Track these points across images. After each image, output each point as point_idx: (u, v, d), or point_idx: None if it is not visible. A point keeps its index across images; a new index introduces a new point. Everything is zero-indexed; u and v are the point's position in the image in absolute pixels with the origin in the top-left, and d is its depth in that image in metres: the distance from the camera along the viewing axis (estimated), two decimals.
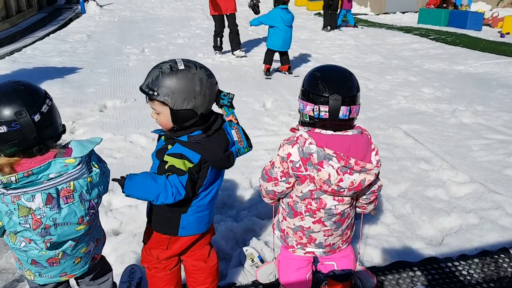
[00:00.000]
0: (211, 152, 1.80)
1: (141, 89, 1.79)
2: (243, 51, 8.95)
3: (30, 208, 1.54)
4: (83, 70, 7.62)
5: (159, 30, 12.08)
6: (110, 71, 7.63)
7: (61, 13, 15.15)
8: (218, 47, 8.97)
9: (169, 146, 1.82)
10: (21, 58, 8.40)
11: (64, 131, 1.69)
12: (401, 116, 5.47)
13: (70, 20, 13.70)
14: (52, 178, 1.55)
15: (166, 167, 1.78)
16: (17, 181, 1.50)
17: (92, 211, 1.69)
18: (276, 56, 7.45)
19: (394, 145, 4.55)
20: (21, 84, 1.58)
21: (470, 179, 3.78)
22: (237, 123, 1.92)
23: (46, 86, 5.92)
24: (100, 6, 15.76)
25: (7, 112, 1.50)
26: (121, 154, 4.33)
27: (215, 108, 1.90)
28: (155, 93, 1.73)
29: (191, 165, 1.78)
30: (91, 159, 1.70)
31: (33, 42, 10.20)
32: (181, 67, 1.74)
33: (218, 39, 8.84)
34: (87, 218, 1.67)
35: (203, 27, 12.54)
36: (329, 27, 12.19)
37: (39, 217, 1.55)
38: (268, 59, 7.37)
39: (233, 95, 1.93)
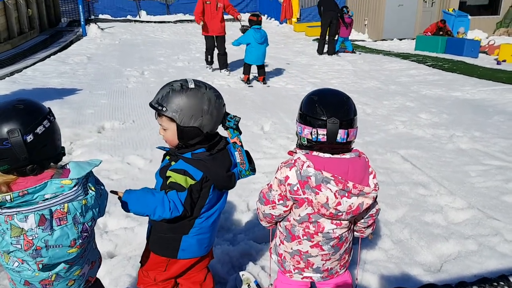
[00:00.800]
0: (214, 171, 1.81)
1: (150, 104, 1.83)
2: (228, 70, 9.71)
3: (22, 228, 1.52)
4: (83, 91, 7.66)
5: (159, 53, 12.21)
6: (110, 92, 7.67)
7: (62, 36, 15.30)
8: (209, 62, 9.94)
9: (173, 163, 1.84)
10: (21, 79, 8.45)
11: (63, 154, 1.68)
12: (398, 141, 5.48)
13: (71, 43, 13.83)
14: (47, 199, 1.53)
15: (168, 183, 1.78)
16: (12, 200, 1.48)
17: (86, 234, 1.66)
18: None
19: (392, 170, 4.54)
20: (23, 102, 1.58)
21: (468, 205, 3.77)
22: (241, 145, 1.94)
23: None
24: (102, 29, 15.95)
25: (1, 130, 1.50)
26: (118, 175, 4.31)
27: (220, 131, 1.92)
28: (164, 109, 1.78)
29: (192, 182, 1.78)
30: (88, 181, 1.69)
31: (34, 64, 10.26)
32: (191, 86, 1.80)
33: (209, 56, 9.82)
34: (80, 241, 1.64)
35: (203, 51, 12.61)
36: (324, 54, 12.34)
37: (31, 238, 1.53)
38: (246, 71, 8.67)
39: (239, 118, 1.96)
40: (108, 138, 5.35)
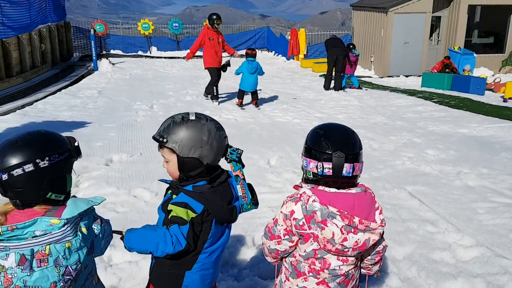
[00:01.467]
0: (214, 203, 1.81)
1: (153, 136, 1.87)
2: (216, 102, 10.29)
3: (3, 266, 1.50)
4: (92, 124, 7.77)
5: (168, 87, 12.41)
6: (119, 126, 7.77)
7: (74, 70, 15.64)
8: (214, 96, 10.17)
9: (174, 196, 1.85)
10: (31, 112, 8.60)
11: (57, 201, 1.61)
12: (406, 177, 5.46)
13: (83, 77, 14.11)
14: (37, 236, 1.51)
15: (170, 217, 1.78)
16: (1, 234, 1.48)
17: (68, 277, 1.59)
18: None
19: (399, 206, 4.51)
20: (26, 138, 1.58)
21: (476, 242, 3.71)
22: (244, 179, 1.95)
23: None
24: (113, 64, 16.30)
25: None
26: (124, 208, 4.32)
27: (224, 164, 1.93)
28: (165, 140, 1.82)
29: (193, 215, 1.78)
30: (82, 220, 1.63)
31: (45, 97, 10.46)
32: (192, 117, 1.84)
33: (214, 88, 10.09)
34: (61, 284, 1.57)
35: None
36: (331, 90, 12.54)
37: (10, 276, 1.50)
38: (240, 96, 9.85)
39: (242, 151, 1.96)
40: (115, 171, 5.39)
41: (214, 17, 9.83)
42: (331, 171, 1.82)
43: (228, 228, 1.98)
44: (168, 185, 1.97)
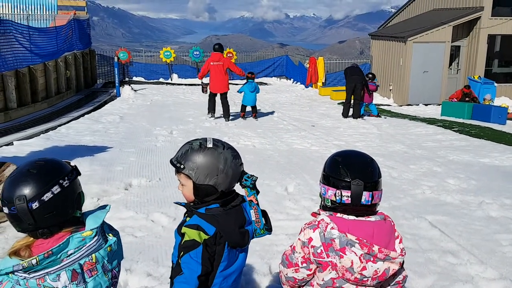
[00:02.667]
0: (227, 226, 1.82)
1: (171, 161, 1.90)
2: (229, 120, 11.56)
3: (57, 287, 1.52)
4: (113, 149, 7.89)
5: (188, 113, 12.59)
6: (139, 150, 7.87)
7: (97, 96, 16.05)
8: (210, 111, 11.65)
9: (187, 219, 1.87)
10: (55, 136, 8.80)
11: (77, 218, 1.64)
12: (426, 206, 5.37)
13: (105, 103, 14.45)
14: (71, 254, 1.55)
15: (183, 242, 1.79)
16: (38, 263, 1.48)
17: (115, 280, 1.69)
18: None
19: (420, 236, 4.42)
20: (38, 166, 1.58)
21: (500, 275, 3.60)
22: (257, 204, 1.95)
23: (76, 163, 6.11)
24: (135, 90, 16.65)
25: (11, 194, 1.51)
26: (141, 233, 4.34)
27: (237, 188, 1.94)
28: (182, 166, 1.85)
29: (206, 237, 1.78)
30: (104, 228, 1.72)
31: (68, 122, 10.73)
32: (210, 145, 1.86)
33: (209, 110, 11.68)
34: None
35: (230, 113, 13.01)
36: (350, 118, 12.56)
37: None
38: (242, 110, 11.99)
39: (257, 177, 1.98)
40: (134, 195, 5.44)
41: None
42: (349, 199, 1.80)
43: (243, 252, 1.97)
44: (185, 210, 1.99)
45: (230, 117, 11.64)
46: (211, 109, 11.65)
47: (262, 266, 3.65)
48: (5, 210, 1.53)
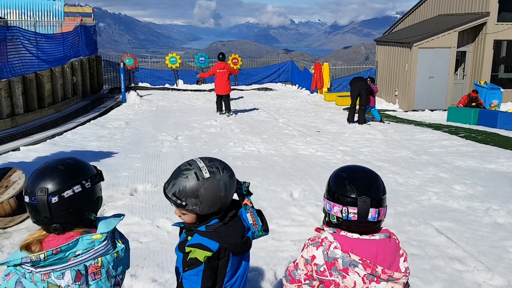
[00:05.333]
0: (229, 240, 1.80)
1: (167, 196, 1.83)
2: (230, 115, 13.29)
3: (59, 286, 1.54)
4: (119, 154, 7.92)
5: (193, 119, 12.62)
6: (144, 156, 7.89)
7: (103, 101, 16.13)
8: (219, 109, 13.52)
9: (189, 238, 1.85)
10: (61, 142, 8.84)
11: (91, 221, 1.69)
12: (432, 212, 5.34)
13: (111, 108, 14.52)
14: (78, 255, 1.57)
15: (187, 259, 1.79)
16: (46, 258, 1.51)
17: (118, 287, 1.70)
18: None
19: (426, 243, 4.39)
20: (66, 163, 1.65)
21: (508, 283, 3.56)
22: (252, 206, 1.93)
23: None
24: (140, 96, 16.72)
25: (34, 185, 1.57)
26: (147, 238, 4.34)
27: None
28: (184, 203, 1.79)
29: (209, 254, 1.76)
30: (115, 235, 1.73)
31: (74, 127, 10.78)
32: (206, 175, 1.79)
33: (218, 108, 13.58)
34: None
35: (235, 118, 13.04)
36: (355, 123, 12.57)
37: None
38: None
39: (249, 183, 1.96)
40: (139, 201, 5.44)
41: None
42: (356, 216, 1.78)
43: (245, 258, 1.96)
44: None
45: (231, 113, 13.52)
46: (219, 108, 13.56)
47: (268, 272, 3.63)
48: (26, 199, 1.58)
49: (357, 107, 12.63)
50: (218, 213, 1.84)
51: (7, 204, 4.79)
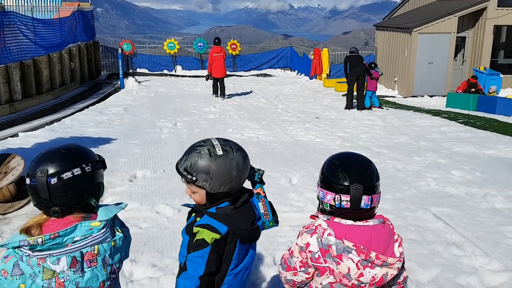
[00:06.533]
0: (238, 224, 1.79)
1: (178, 171, 1.82)
2: (225, 98, 13.88)
3: (54, 271, 1.55)
4: (117, 141, 7.91)
5: (192, 105, 12.59)
6: (143, 142, 7.89)
7: (101, 87, 16.04)
8: (215, 92, 14.04)
9: (198, 219, 1.84)
10: (59, 128, 8.83)
11: (91, 205, 1.68)
12: (430, 198, 5.36)
13: (109, 94, 14.46)
14: (76, 241, 1.58)
15: (194, 240, 1.77)
16: (44, 242, 1.52)
17: (113, 275, 1.69)
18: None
19: (424, 228, 4.42)
20: (68, 148, 1.67)
21: (504, 267, 3.60)
22: (265, 196, 1.93)
23: None
24: (139, 82, 16.65)
25: (35, 167, 1.59)
26: (146, 224, 4.36)
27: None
28: (194, 178, 1.78)
29: (217, 236, 1.75)
30: (115, 223, 1.73)
31: (73, 113, 10.76)
32: (220, 152, 1.78)
33: (214, 91, 14.13)
34: (108, 283, 1.67)
35: (234, 104, 13.01)
36: (354, 109, 12.48)
37: (62, 280, 1.56)
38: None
39: (263, 171, 1.96)
40: (139, 187, 5.46)
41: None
42: (349, 203, 1.79)
43: (252, 247, 1.95)
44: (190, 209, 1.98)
45: (226, 96, 14.07)
46: (215, 91, 14.00)
47: (267, 257, 3.66)
48: (27, 181, 1.60)
49: (355, 93, 12.57)
50: (229, 196, 1.83)
51: (6, 190, 4.80)
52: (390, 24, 19.27)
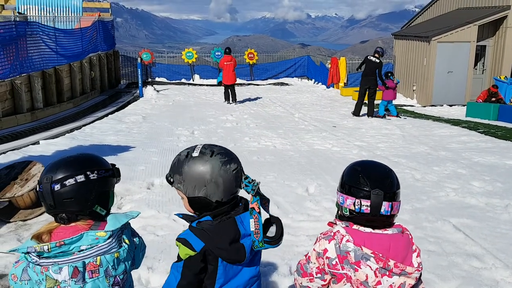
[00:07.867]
0: (216, 242, 1.68)
1: (166, 176, 1.82)
2: (237, 104, 14.74)
3: (56, 280, 1.56)
4: (136, 148, 8.00)
5: (209, 114, 12.67)
6: (161, 150, 7.96)
7: (121, 96, 16.28)
8: (227, 99, 14.94)
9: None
10: (79, 136, 8.97)
11: (100, 216, 1.69)
12: (450, 209, 5.28)
13: (129, 103, 14.65)
14: (83, 250, 1.58)
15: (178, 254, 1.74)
16: (50, 250, 1.54)
17: (117, 287, 1.68)
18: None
19: (443, 239, 4.35)
20: (76, 156, 1.70)
21: None
22: (259, 212, 1.75)
23: None
24: (157, 91, 16.84)
25: (44, 174, 1.64)
26: (163, 231, 4.39)
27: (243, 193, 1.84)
28: (172, 180, 1.77)
29: (191, 253, 1.68)
30: (124, 233, 1.72)
31: (92, 122, 10.92)
32: (195, 154, 1.73)
33: (225, 98, 15.04)
34: None
35: (251, 113, 13.05)
36: (371, 118, 12.44)
37: None
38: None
39: (258, 182, 1.77)
40: (156, 194, 5.50)
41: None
42: (369, 208, 1.78)
43: (251, 265, 1.81)
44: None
45: (239, 103, 14.75)
46: (227, 97, 14.92)
47: (282, 267, 3.64)
48: (37, 187, 1.65)
49: (367, 101, 12.57)
50: (209, 208, 1.73)
51: (27, 197, 4.89)
52: (409, 33, 19.15)
